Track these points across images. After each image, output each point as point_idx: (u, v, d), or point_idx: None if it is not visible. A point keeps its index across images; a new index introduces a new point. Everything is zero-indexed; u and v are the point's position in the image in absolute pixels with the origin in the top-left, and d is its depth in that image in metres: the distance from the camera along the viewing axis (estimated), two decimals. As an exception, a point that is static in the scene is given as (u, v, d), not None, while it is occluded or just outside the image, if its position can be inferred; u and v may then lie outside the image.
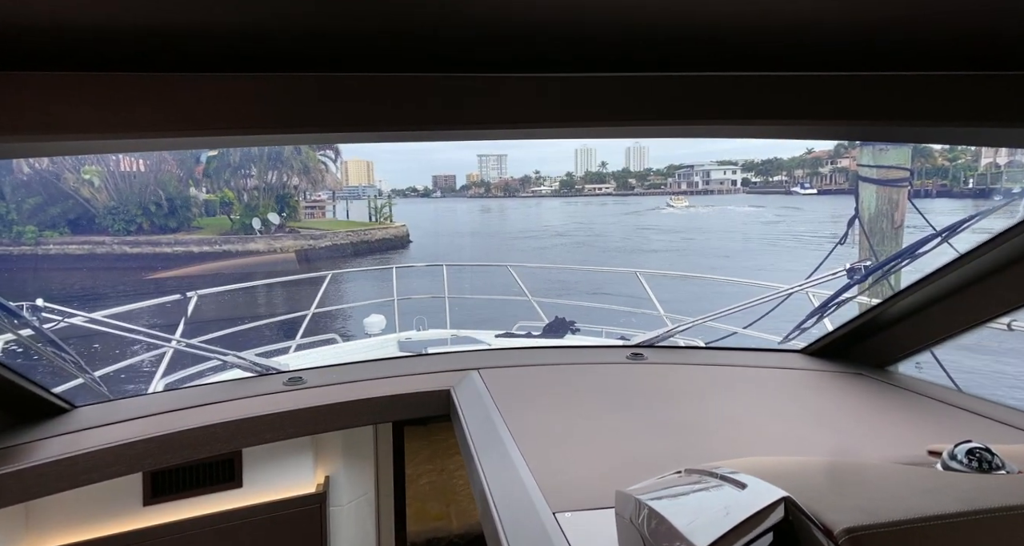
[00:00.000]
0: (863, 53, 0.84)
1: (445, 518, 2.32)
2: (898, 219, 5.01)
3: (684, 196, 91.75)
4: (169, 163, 33.09)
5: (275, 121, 0.80)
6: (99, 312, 2.79)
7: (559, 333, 4.67)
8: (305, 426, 1.70)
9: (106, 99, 0.74)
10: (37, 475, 1.37)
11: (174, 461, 1.55)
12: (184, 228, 32.35)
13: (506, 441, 1.37)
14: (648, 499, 0.71)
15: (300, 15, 0.69)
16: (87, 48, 0.73)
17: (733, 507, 0.58)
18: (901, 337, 1.75)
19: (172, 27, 0.69)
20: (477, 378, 1.86)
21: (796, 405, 1.61)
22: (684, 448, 1.33)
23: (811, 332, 2.15)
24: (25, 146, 0.79)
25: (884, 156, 4.98)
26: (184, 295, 4.03)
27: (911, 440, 1.33)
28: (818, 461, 0.72)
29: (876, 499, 0.54)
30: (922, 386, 1.66)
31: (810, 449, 1.32)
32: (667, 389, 1.75)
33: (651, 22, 0.74)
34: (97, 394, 1.86)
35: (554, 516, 1.03)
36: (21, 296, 1.72)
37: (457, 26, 0.73)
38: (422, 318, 5.25)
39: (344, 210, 45.16)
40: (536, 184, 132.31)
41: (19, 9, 0.63)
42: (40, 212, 29.90)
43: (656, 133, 0.96)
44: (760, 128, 0.92)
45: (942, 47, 0.82)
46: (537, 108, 0.85)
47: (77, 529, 1.65)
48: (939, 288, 1.53)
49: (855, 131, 0.98)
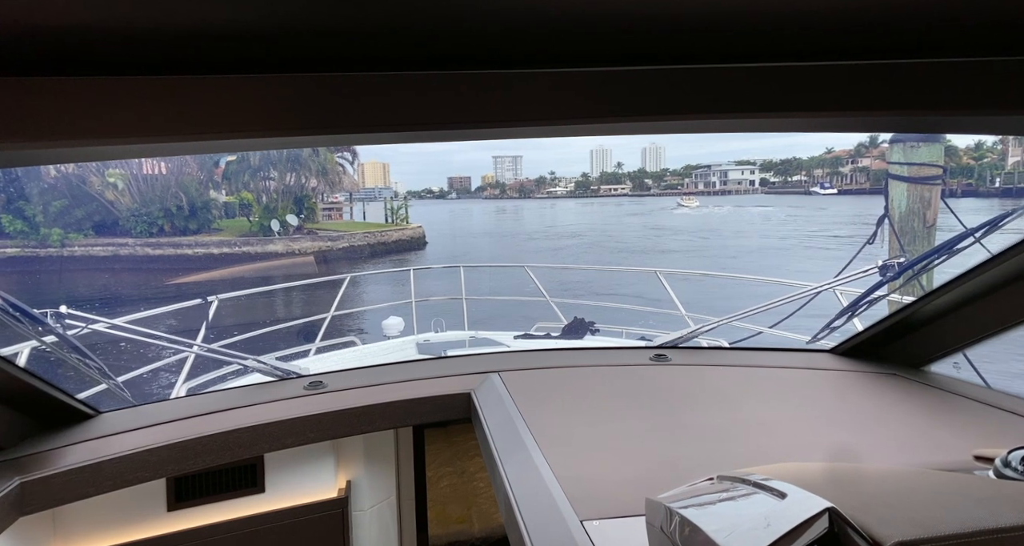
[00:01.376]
0: (889, 40, 0.80)
1: (466, 521, 2.30)
2: (930, 218, 4.85)
3: (694, 196, 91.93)
4: (190, 166, 33.66)
5: (296, 123, 0.78)
6: (121, 318, 2.83)
7: (578, 334, 4.64)
8: (326, 431, 1.69)
9: (125, 103, 0.74)
10: (64, 481, 1.38)
11: (197, 466, 1.55)
12: (204, 230, 32.87)
13: (529, 445, 1.34)
14: (680, 507, 0.68)
15: (316, 15, 0.67)
16: (106, 53, 0.72)
17: (773, 517, 0.55)
18: (937, 336, 1.69)
19: (187, 30, 0.68)
20: (498, 381, 1.84)
21: (828, 407, 1.57)
22: (713, 453, 1.30)
23: (840, 331, 2.10)
24: (47, 152, 0.78)
25: (916, 153, 4.83)
26: (205, 299, 4.08)
27: (952, 444, 1.28)
28: (860, 468, 0.68)
29: (928, 510, 0.51)
30: (961, 387, 1.60)
31: (845, 454, 1.28)
32: (693, 391, 1.72)
33: (673, 13, 0.71)
34: (121, 399, 1.88)
35: (582, 525, 1.01)
36: (48, 298, 1.74)
37: (473, 22, 0.71)
38: (440, 320, 5.26)
39: (361, 212, 45.54)
40: (551, 185, 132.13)
41: (39, 15, 0.63)
42: (66, 215, 30.58)
43: (676, 128, 0.93)
44: (782, 121, 0.88)
45: (973, 32, 0.77)
46: (557, 105, 0.82)
47: (103, 535, 1.66)
48: (977, 286, 1.47)
49: (883, 122, 0.93)
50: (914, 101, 0.83)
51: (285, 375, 2.01)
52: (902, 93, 0.83)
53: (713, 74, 0.83)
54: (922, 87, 0.82)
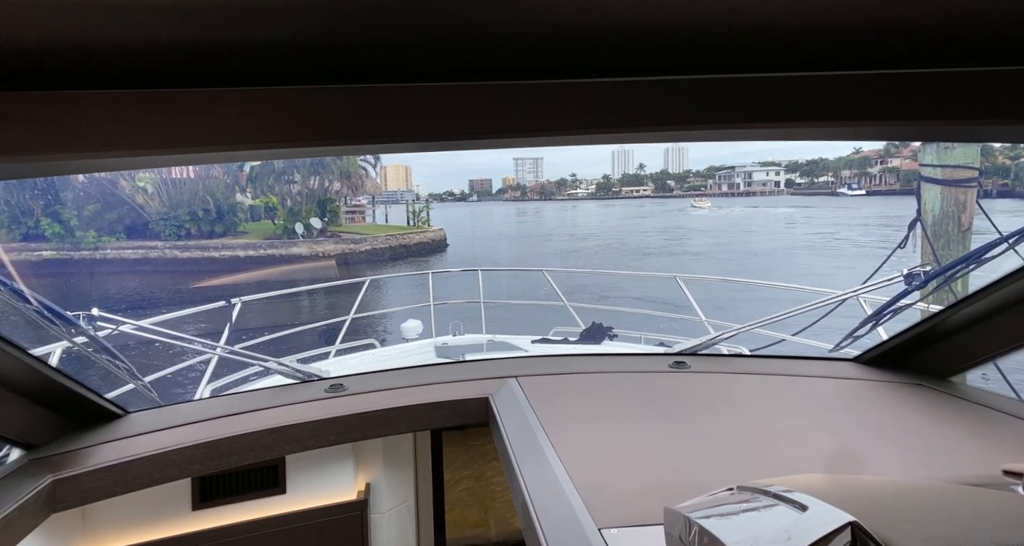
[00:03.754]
0: (913, 50, 0.78)
1: (484, 524, 2.30)
2: (965, 222, 4.66)
3: (706, 198, 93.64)
4: (216, 170, 34.35)
5: (317, 134, 0.80)
6: (148, 319, 2.90)
7: (596, 339, 4.62)
8: (346, 433, 1.71)
9: (155, 115, 0.76)
10: (94, 480, 1.42)
11: (221, 467, 1.58)
12: (231, 233, 33.48)
13: (547, 452, 1.34)
14: (699, 517, 0.67)
15: (337, 30, 0.69)
16: (134, 67, 0.74)
17: (794, 530, 0.54)
18: (965, 346, 1.64)
19: (213, 44, 0.70)
20: (516, 386, 1.84)
21: (851, 417, 1.53)
22: (732, 462, 1.28)
23: (864, 340, 2.05)
24: (80, 163, 0.81)
25: (950, 155, 4.65)
26: (229, 302, 4.16)
27: (980, 458, 1.25)
28: (884, 481, 0.67)
29: (954, 526, 0.49)
30: (990, 398, 1.55)
31: (869, 466, 1.25)
32: (712, 399, 1.70)
33: (690, 24, 0.71)
34: (148, 400, 1.93)
35: (600, 533, 1.00)
36: (81, 300, 1.80)
37: (492, 35, 0.72)
38: (458, 323, 5.28)
39: (383, 214, 45.96)
40: (572, 187, 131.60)
41: (71, 30, 0.65)
42: (98, 218, 31.46)
43: (694, 137, 0.93)
44: (802, 131, 0.87)
45: (996, 42, 0.76)
46: (575, 115, 0.82)
47: (131, 532, 1.70)
48: (1008, 295, 1.42)
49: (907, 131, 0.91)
50: (938, 111, 0.82)
51: (306, 378, 2.04)
52: (925, 102, 0.81)
53: (733, 84, 0.83)
54: (949, 96, 0.81)
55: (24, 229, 30.43)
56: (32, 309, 1.46)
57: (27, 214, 30.31)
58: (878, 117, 0.82)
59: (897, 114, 0.82)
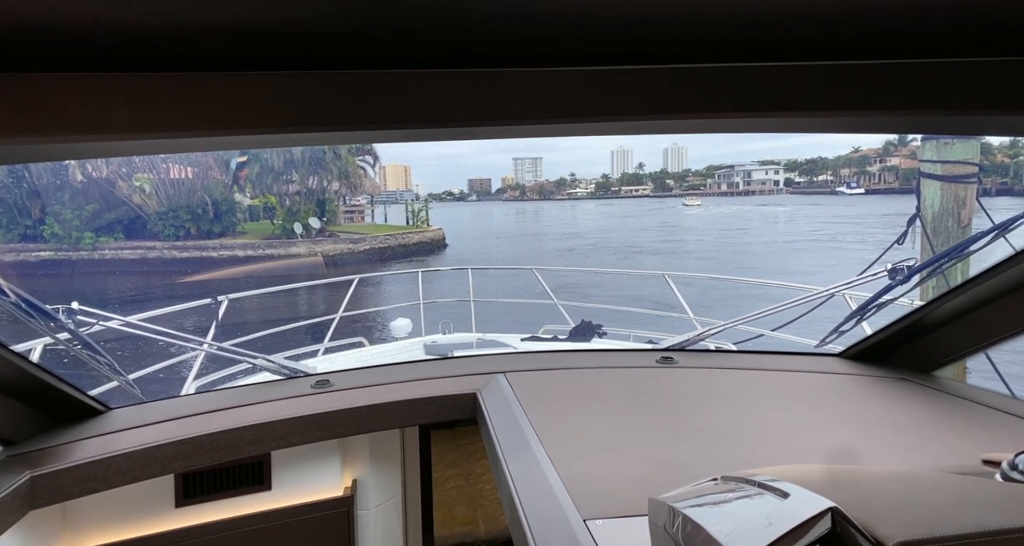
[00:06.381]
0: (917, 39, 0.78)
1: (473, 523, 2.29)
2: (965, 218, 4.67)
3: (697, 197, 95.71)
4: (215, 170, 34.31)
5: (309, 119, 0.79)
6: (135, 315, 2.89)
7: (586, 337, 4.62)
8: (332, 429, 1.71)
9: (140, 99, 0.74)
10: (74, 476, 1.41)
11: (205, 463, 1.58)
12: (229, 233, 33.47)
13: (534, 446, 1.35)
14: (683, 507, 0.67)
15: (330, 14, 0.68)
16: (120, 49, 0.73)
17: (775, 517, 0.54)
18: (949, 340, 1.65)
19: (201, 27, 0.69)
20: (503, 381, 1.83)
21: (835, 411, 1.54)
22: (718, 455, 1.29)
23: (849, 335, 2.05)
24: (55, 148, 0.79)
25: (950, 150, 4.64)
26: (215, 299, 4.14)
27: (961, 449, 1.26)
28: (863, 469, 0.67)
29: (932, 511, 0.50)
30: (971, 392, 1.56)
31: (853, 458, 1.26)
32: (699, 394, 1.70)
33: (690, 12, 0.71)
34: (131, 396, 1.92)
35: (585, 524, 1.01)
36: (82, 299, 1.79)
37: (489, 21, 0.71)
38: (448, 322, 5.27)
39: (383, 214, 45.97)
40: (571, 186, 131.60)
41: (45, 12, 0.64)
42: (97, 218, 31.41)
43: (692, 128, 0.92)
44: (805, 121, 0.87)
45: (996, 32, 0.75)
46: (572, 103, 0.82)
47: (112, 529, 1.69)
48: (991, 288, 1.43)
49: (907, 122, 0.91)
50: (938, 101, 0.81)
51: (293, 374, 2.03)
52: (925, 92, 0.81)
53: (730, 73, 0.82)
54: (946, 86, 0.81)
55: (21, 229, 30.40)
56: (9, 302, 1.45)
57: (24, 214, 30.29)
58: (877, 107, 0.82)
59: (899, 104, 0.82)
